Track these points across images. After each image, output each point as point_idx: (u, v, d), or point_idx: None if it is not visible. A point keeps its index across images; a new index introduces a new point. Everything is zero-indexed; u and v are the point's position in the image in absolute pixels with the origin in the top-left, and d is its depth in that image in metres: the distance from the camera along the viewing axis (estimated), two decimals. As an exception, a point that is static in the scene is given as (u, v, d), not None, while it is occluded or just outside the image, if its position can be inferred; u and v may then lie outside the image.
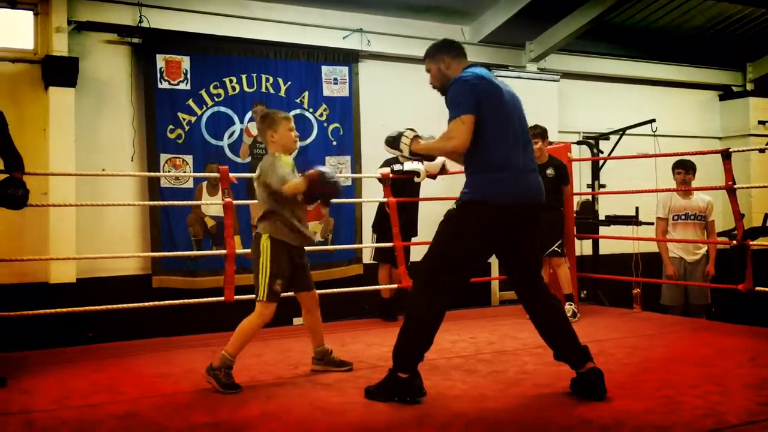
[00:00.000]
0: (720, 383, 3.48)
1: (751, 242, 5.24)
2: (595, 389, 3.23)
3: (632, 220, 6.99)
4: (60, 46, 6.04)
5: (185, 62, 6.66)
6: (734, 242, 5.27)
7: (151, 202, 6.27)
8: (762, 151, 7.79)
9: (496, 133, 3.22)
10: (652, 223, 6.46)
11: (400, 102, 7.57)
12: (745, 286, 5.00)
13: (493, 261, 7.58)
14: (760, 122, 9.45)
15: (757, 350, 4.15)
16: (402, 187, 5.79)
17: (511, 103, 3.34)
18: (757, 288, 4.95)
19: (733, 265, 6.51)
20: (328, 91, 7.33)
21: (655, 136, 7.37)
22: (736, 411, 3.01)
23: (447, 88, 3.33)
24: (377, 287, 5.86)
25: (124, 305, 4.94)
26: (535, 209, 3.32)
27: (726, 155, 5.13)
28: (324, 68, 7.31)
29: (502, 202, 3.19)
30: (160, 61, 6.56)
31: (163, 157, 6.57)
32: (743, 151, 7.22)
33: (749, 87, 9.76)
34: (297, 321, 6.76)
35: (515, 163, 3.25)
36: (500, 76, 7.65)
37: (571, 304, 5.56)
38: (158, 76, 6.55)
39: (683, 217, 6.11)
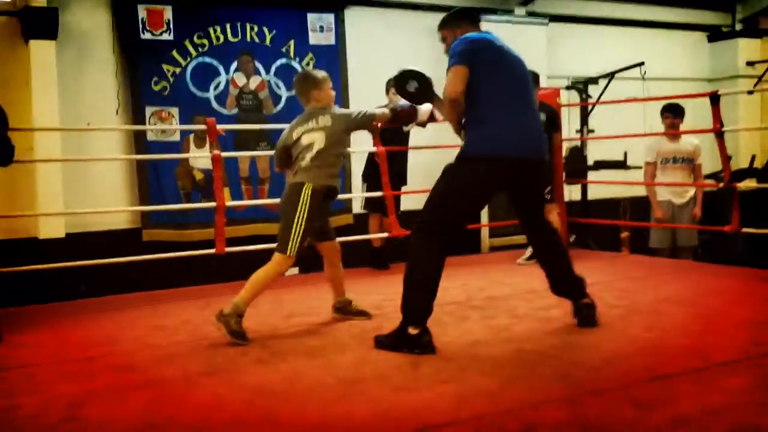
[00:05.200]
0: (707, 323, 3.56)
1: (737, 184, 5.28)
2: (588, 318, 3.54)
3: (621, 165, 7.02)
4: (38, -3, 5.90)
5: (167, 12, 6.53)
6: (721, 185, 5.30)
7: (138, 156, 6.22)
8: (750, 92, 7.80)
9: (490, 88, 3.30)
10: (640, 168, 6.48)
11: (389, 50, 7.46)
12: (731, 227, 5.06)
13: (484, 209, 7.62)
14: (748, 63, 9.40)
15: (744, 291, 4.23)
16: (391, 137, 5.76)
17: (509, 60, 3.41)
18: (744, 229, 5.01)
19: (720, 207, 6.57)
20: (314, 39, 7.22)
21: (643, 79, 7.34)
22: (722, 350, 3.08)
23: None
24: (368, 236, 5.88)
25: (116, 259, 4.95)
26: (531, 162, 3.40)
27: (714, 98, 5.13)
28: (310, 16, 7.19)
29: (496, 155, 3.27)
30: (142, 11, 6.43)
31: (149, 110, 6.50)
32: (731, 93, 7.20)
33: (738, 27, 9.67)
34: (289, 272, 6.80)
35: (511, 117, 3.32)
36: (488, 21, 7.65)
37: (560, 249, 5.61)
38: (140, 26, 6.43)
39: (671, 160, 6.13)
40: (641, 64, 7.38)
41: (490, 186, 3.38)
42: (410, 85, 3.60)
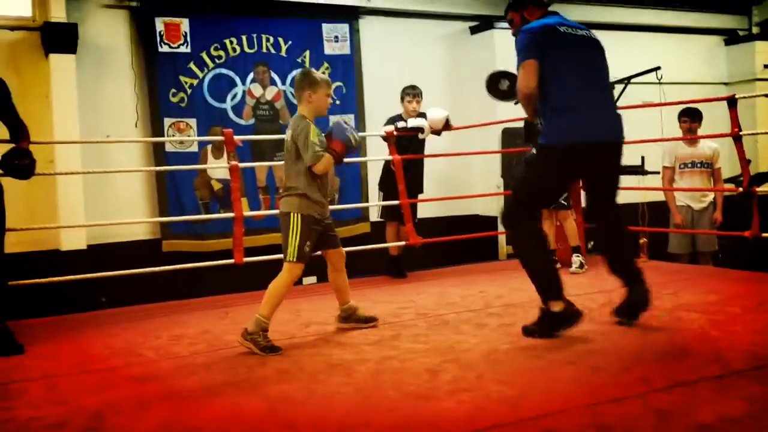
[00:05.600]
0: (727, 330, 3.53)
1: (757, 188, 5.24)
2: (637, 305, 3.59)
3: (638, 170, 6.97)
4: (58, 12, 5.99)
5: (184, 24, 6.61)
6: (740, 189, 5.26)
7: (157, 167, 6.29)
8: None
9: (560, 77, 3.41)
10: (658, 173, 6.44)
11: (403, 58, 7.50)
12: (751, 232, 5.01)
13: (500, 214, 7.61)
14: (766, 66, 9.31)
15: (764, 296, 4.19)
16: (407, 145, 5.78)
17: (575, 43, 3.51)
18: (764, 234, 4.97)
19: (739, 212, 6.51)
20: (329, 49, 7.26)
21: (660, 83, 7.29)
22: (742, 357, 3.05)
23: None
24: (385, 245, 5.90)
25: (136, 270, 4.99)
26: (606, 147, 3.52)
27: (731, 102, 5.10)
28: (324, 26, 7.24)
29: (572, 142, 3.40)
30: (159, 24, 6.51)
31: (167, 121, 6.57)
32: (749, 97, 7.14)
33: (755, 30, 9.60)
34: (306, 281, 6.84)
35: (583, 104, 3.43)
36: (502, 29, 7.64)
37: (578, 256, 5.60)
38: (158, 39, 6.51)
39: (690, 165, 6.10)
40: (657, 68, 7.31)
41: (569, 172, 3.59)
42: (502, 83, 3.83)
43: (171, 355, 3.59)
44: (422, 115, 5.75)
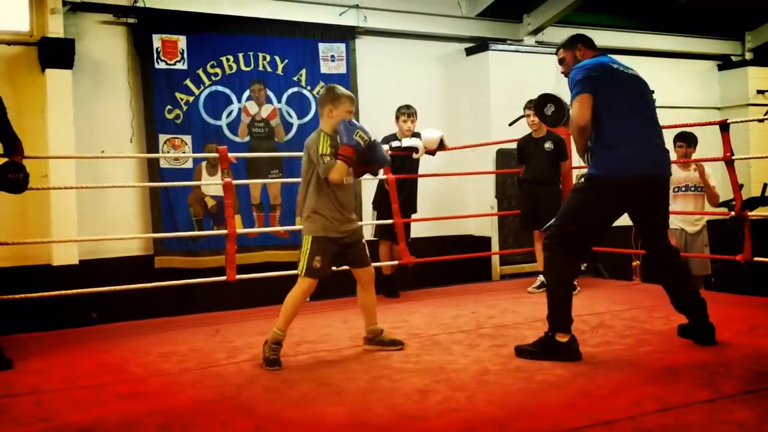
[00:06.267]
0: (718, 353, 3.53)
1: (749, 213, 5.26)
2: (706, 337, 3.67)
3: (631, 193, 6.99)
4: (55, 28, 6.02)
5: (181, 42, 6.64)
6: (733, 213, 5.28)
7: (152, 184, 6.29)
8: (761, 121, 7.77)
9: (615, 111, 3.53)
10: (651, 195, 6.45)
11: (399, 78, 7.55)
12: (743, 257, 5.03)
13: (493, 235, 7.62)
14: (759, 92, 9.41)
15: (756, 320, 4.19)
16: (401, 164, 5.80)
17: (629, 83, 3.66)
18: (756, 258, 4.98)
19: (732, 236, 6.53)
20: (325, 68, 7.31)
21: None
22: (733, 381, 3.05)
23: None
24: (378, 264, 5.89)
25: (128, 286, 4.98)
26: (655, 180, 3.63)
27: (724, 127, 5.13)
28: (321, 45, 7.28)
29: (623, 176, 3.50)
30: (157, 41, 6.54)
31: (162, 137, 6.58)
32: (742, 122, 7.20)
33: (748, 56, 9.71)
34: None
35: (634, 138, 3.54)
36: (497, 50, 7.71)
37: (571, 278, 5.59)
38: (155, 56, 6.54)
39: (683, 189, 6.13)
40: (651, 92, 7.40)
41: (616, 205, 3.62)
42: (548, 108, 3.84)
43: (160, 372, 3.57)
44: (417, 134, 5.78)
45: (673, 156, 6.13)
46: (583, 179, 3.64)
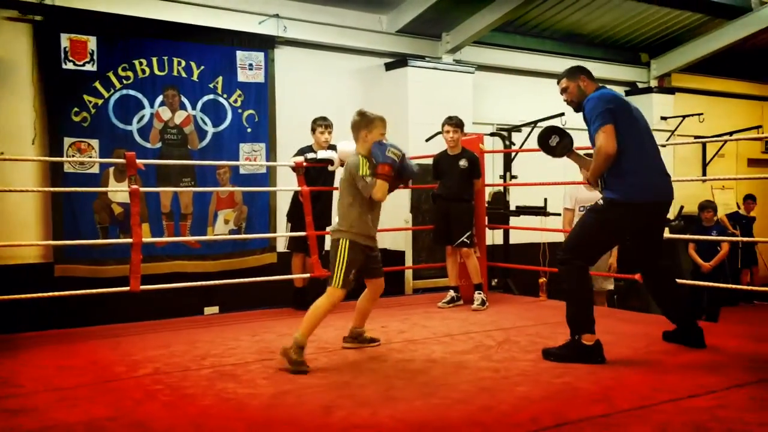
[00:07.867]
0: (616, 369, 3.65)
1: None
2: (697, 341, 4.05)
3: (541, 211, 7.20)
4: (-45, 22, 5.71)
5: (92, 42, 6.40)
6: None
7: (54, 188, 6.02)
8: (663, 146, 8.14)
9: (631, 141, 3.80)
10: (559, 214, 6.66)
11: (317, 90, 7.52)
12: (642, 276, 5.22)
13: (407, 250, 7.67)
14: (662, 118, 9.89)
15: (653, 337, 4.36)
16: (317, 176, 5.77)
17: (638, 115, 3.95)
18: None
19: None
20: (243, 76, 7.20)
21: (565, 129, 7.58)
22: (628, 396, 3.15)
23: (582, 105, 3.98)
24: (291, 276, 5.83)
25: (25, 295, 4.73)
26: (665, 205, 4.01)
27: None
28: (239, 53, 7.18)
29: (640, 200, 3.81)
30: (65, 40, 6.28)
31: (67, 140, 6.31)
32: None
33: (653, 83, 10.19)
34: (208, 311, 6.67)
35: (650, 166, 3.86)
36: (416, 67, 7.81)
37: (480, 293, 5.69)
38: (62, 56, 6.28)
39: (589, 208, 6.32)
40: (562, 114, 7.64)
41: (630, 227, 3.93)
42: (552, 139, 4.16)
43: (53, 387, 3.40)
44: (333, 147, 5.76)
45: (579, 176, 6.41)
46: (601, 201, 3.90)
